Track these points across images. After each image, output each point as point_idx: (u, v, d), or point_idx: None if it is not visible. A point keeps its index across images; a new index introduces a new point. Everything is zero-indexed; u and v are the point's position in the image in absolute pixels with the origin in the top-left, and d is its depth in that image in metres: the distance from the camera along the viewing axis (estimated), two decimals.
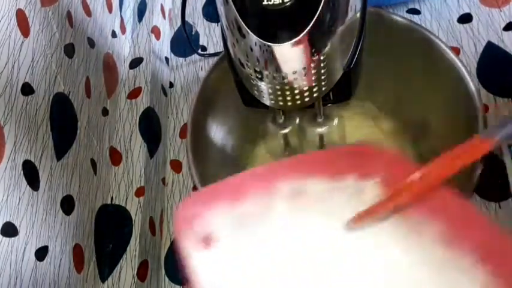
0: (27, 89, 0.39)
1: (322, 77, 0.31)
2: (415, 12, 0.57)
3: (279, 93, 0.32)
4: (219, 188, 0.31)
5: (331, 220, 0.31)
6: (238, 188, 0.30)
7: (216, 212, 0.29)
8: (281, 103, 0.33)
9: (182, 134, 0.58)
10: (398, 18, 0.44)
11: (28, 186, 0.38)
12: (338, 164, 0.32)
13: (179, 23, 0.64)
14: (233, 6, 0.28)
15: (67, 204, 0.44)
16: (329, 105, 0.37)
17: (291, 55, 0.29)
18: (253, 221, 0.30)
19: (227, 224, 0.30)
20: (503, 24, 0.53)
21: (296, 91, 0.32)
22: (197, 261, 0.28)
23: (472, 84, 0.40)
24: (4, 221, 0.35)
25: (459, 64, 0.41)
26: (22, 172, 0.38)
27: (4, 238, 0.35)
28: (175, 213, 0.29)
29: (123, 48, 0.60)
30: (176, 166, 0.56)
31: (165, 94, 0.60)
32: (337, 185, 0.32)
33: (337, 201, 0.31)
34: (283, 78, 0.30)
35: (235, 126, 0.49)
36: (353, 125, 0.50)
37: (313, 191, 0.31)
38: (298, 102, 0.33)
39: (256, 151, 0.51)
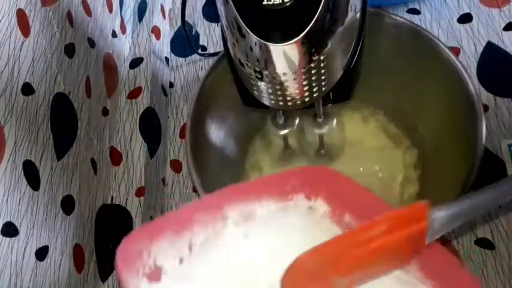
0: (27, 89, 0.39)
1: (322, 77, 0.31)
2: (415, 12, 0.57)
3: (279, 93, 0.32)
4: (162, 222, 0.30)
5: (284, 240, 0.30)
6: (182, 219, 0.30)
7: (160, 244, 0.29)
8: (281, 103, 0.33)
9: (182, 134, 0.58)
10: (398, 19, 0.44)
11: (28, 186, 0.38)
12: (284, 185, 0.32)
13: (179, 23, 0.64)
14: (233, 6, 0.28)
15: (67, 204, 0.44)
16: (329, 105, 0.37)
17: (291, 55, 0.29)
18: (201, 249, 0.30)
19: (173, 255, 0.29)
20: (503, 24, 0.53)
21: (296, 91, 0.32)
22: None
23: (472, 84, 0.40)
24: (4, 221, 0.35)
25: (459, 64, 0.41)
26: (22, 172, 0.38)
27: (4, 238, 0.35)
28: (118, 250, 0.28)
29: (123, 48, 0.60)
30: (176, 166, 0.56)
31: (165, 94, 0.60)
32: (286, 205, 0.32)
33: (289, 221, 0.31)
34: (283, 78, 0.31)
35: (235, 126, 0.49)
36: (353, 125, 0.50)
37: (263, 214, 0.31)
38: (298, 102, 0.33)
39: (256, 151, 0.51)
